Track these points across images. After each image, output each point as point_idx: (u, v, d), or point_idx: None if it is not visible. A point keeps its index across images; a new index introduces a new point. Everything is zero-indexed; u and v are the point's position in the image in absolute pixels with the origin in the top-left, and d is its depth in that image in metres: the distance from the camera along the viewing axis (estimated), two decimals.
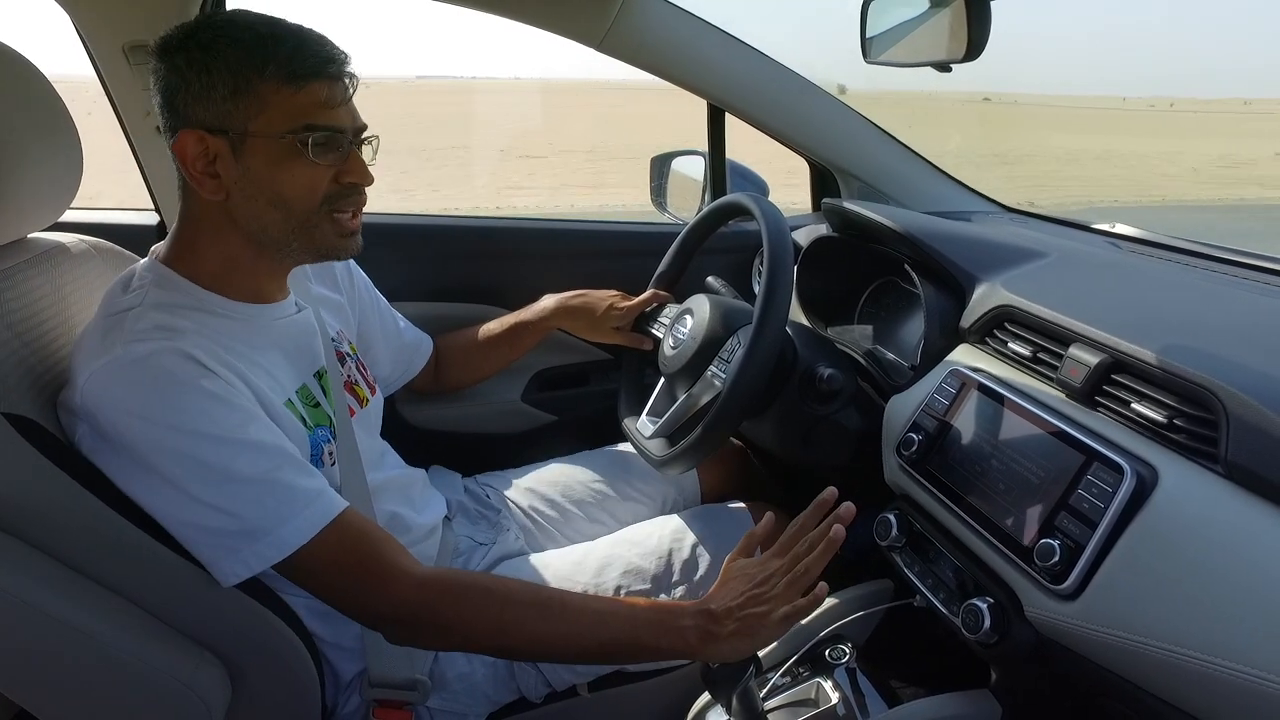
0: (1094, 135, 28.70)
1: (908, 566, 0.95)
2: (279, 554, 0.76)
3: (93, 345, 0.78)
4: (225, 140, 0.78)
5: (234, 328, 0.84)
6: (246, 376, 0.81)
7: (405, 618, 0.80)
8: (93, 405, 0.74)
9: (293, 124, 0.79)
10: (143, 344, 0.75)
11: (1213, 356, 0.74)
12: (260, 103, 0.78)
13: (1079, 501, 0.73)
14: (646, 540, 1.11)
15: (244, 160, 0.79)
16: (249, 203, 0.81)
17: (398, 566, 0.80)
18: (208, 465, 0.74)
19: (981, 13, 1.01)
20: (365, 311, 1.15)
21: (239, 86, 0.77)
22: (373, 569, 0.79)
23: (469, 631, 0.81)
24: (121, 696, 0.76)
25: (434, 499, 1.14)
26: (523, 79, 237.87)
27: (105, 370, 0.74)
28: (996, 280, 1.00)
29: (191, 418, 0.74)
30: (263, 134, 0.78)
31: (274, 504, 0.76)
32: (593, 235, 1.61)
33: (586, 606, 0.84)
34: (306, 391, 0.91)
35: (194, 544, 0.76)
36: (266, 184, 0.80)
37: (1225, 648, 0.61)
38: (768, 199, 1.10)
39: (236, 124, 0.78)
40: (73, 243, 0.94)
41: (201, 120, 0.78)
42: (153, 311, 0.79)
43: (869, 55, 1.22)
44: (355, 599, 0.81)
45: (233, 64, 0.77)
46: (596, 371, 1.58)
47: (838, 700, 0.94)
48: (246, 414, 0.78)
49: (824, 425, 1.07)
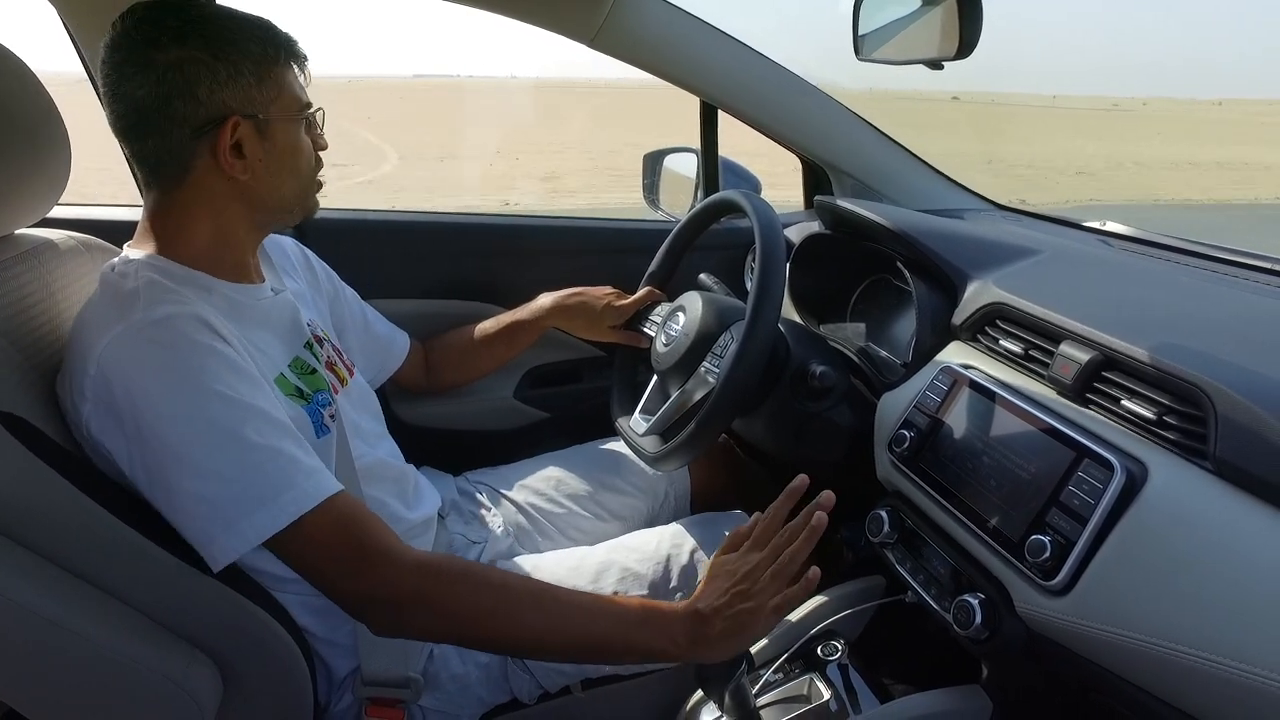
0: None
1: (899, 563, 0.95)
2: (274, 526, 0.75)
3: (103, 318, 0.78)
4: (253, 123, 0.84)
5: (226, 305, 0.86)
6: (247, 348, 0.83)
7: (395, 599, 0.79)
8: (109, 372, 0.75)
9: (300, 104, 0.88)
10: (160, 307, 0.78)
11: (1202, 354, 0.74)
12: (277, 87, 0.85)
13: (1069, 498, 0.74)
14: (644, 546, 1.11)
15: (269, 140, 0.86)
16: (272, 176, 0.88)
17: (391, 548, 0.79)
18: (217, 426, 0.75)
19: (973, 11, 1.01)
20: (331, 299, 1.16)
21: (261, 74, 0.84)
22: (368, 547, 0.78)
23: (458, 619, 0.80)
24: (113, 696, 0.75)
25: (427, 496, 1.13)
26: (519, 78, 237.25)
27: (123, 335, 0.76)
28: (988, 278, 1.01)
29: (208, 378, 0.76)
30: (282, 115, 0.86)
31: (275, 471, 0.76)
32: (586, 232, 1.60)
33: (578, 601, 0.83)
34: (300, 362, 0.93)
35: (191, 519, 0.75)
36: (289, 159, 0.88)
37: (1214, 642, 0.62)
38: (760, 196, 1.10)
39: (261, 108, 0.84)
40: (61, 239, 0.94)
41: (233, 106, 0.83)
42: (156, 284, 0.81)
43: (861, 53, 1.22)
44: (346, 579, 0.79)
45: (255, 53, 0.83)
46: (589, 368, 1.58)
47: (830, 696, 0.94)
48: (255, 381, 0.81)
49: (816, 422, 1.08)
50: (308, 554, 0.78)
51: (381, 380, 1.27)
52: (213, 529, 0.75)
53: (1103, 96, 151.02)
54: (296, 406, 0.88)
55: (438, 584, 0.79)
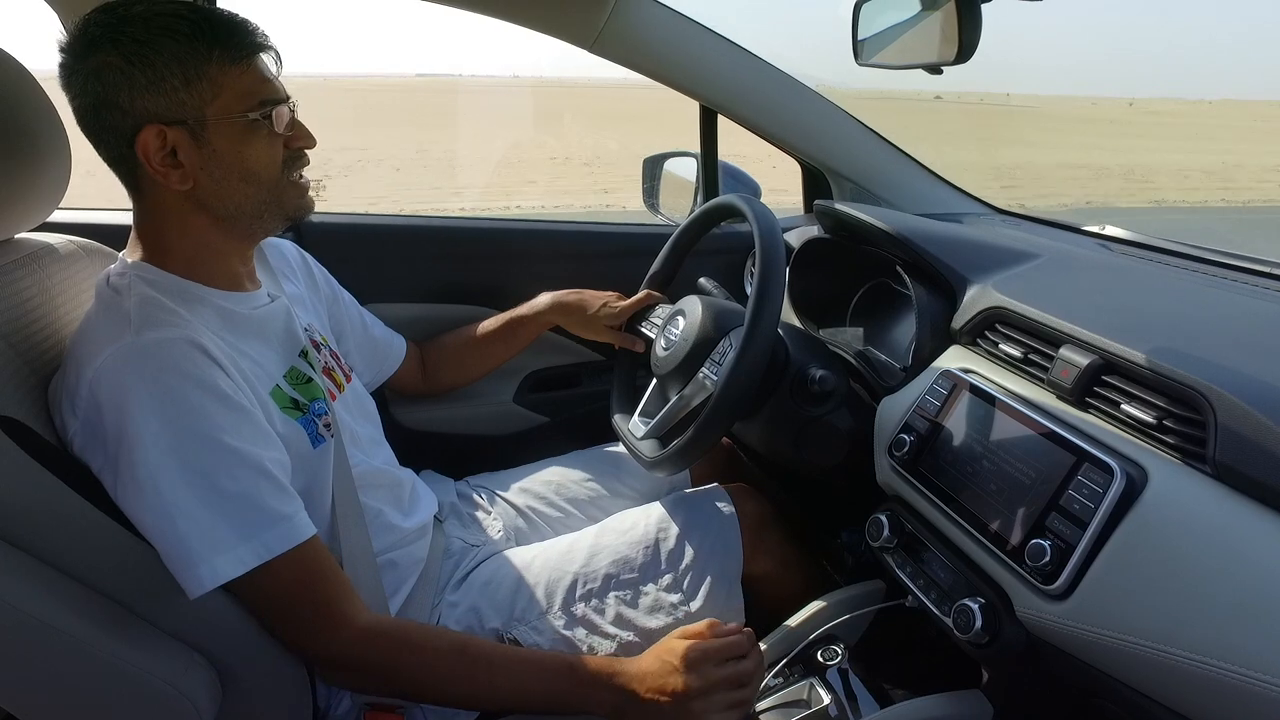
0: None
1: (899, 567, 0.95)
2: (230, 573, 0.75)
3: (97, 335, 0.78)
4: (184, 129, 0.79)
5: (218, 317, 0.85)
6: (239, 364, 0.82)
7: (345, 664, 0.83)
8: (98, 394, 0.75)
9: (248, 102, 0.81)
10: (154, 331, 0.76)
11: (1202, 358, 0.74)
12: (214, 87, 0.79)
13: (1069, 502, 0.74)
14: (632, 530, 1.11)
15: (207, 145, 0.80)
16: (218, 185, 0.82)
17: (344, 612, 0.82)
18: (191, 468, 0.74)
19: (972, 16, 1.02)
20: (330, 303, 1.16)
21: (189, 75, 0.78)
22: (322, 608, 0.81)
23: (412, 686, 0.84)
24: (110, 700, 0.75)
25: (424, 501, 1.13)
26: (521, 77, 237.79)
27: (115, 356, 0.75)
28: (988, 282, 1.01)
29: (190, 417, 0.75)
30: (222, 116, 0.80)
31: (239, 521, 0.76)
32: (586, 236, 1.60)
33: (531, 659, 0.88)
34: (295, 372, 0.92)
35: (164, 549, 0.75)
36: (235, 163, 0.82)
37: (1214, 647, 0.62)
38: (759, 200, 1.10)
39: (193, 111, 0.79)
40: (61, 243, 0.94)
41: (156, 113, 0.78)
42: (149, 302, 0.80)
43: (861, 57, 1.23)
44: (300, 637, 0.82)
45: (179, 53, 0.77)
46: (588, 373, 1.58)
47: (830, 701, 0.94)
48: (242, 414, 0.79)
49: (816, 426, 1.07)
50: (261, 605, 0.80)
51: (379, 383, 1.26)
52: (182, 563, 0.75)
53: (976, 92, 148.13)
54: (291, 421, 0.87)
55: (389, 654, 0.83)
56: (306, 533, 0.80)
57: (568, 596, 1.04)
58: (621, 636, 1.02)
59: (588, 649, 1.01)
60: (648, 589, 1.05)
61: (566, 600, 1.03)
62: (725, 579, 1.07)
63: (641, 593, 1.05)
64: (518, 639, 1.00)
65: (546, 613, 1.02)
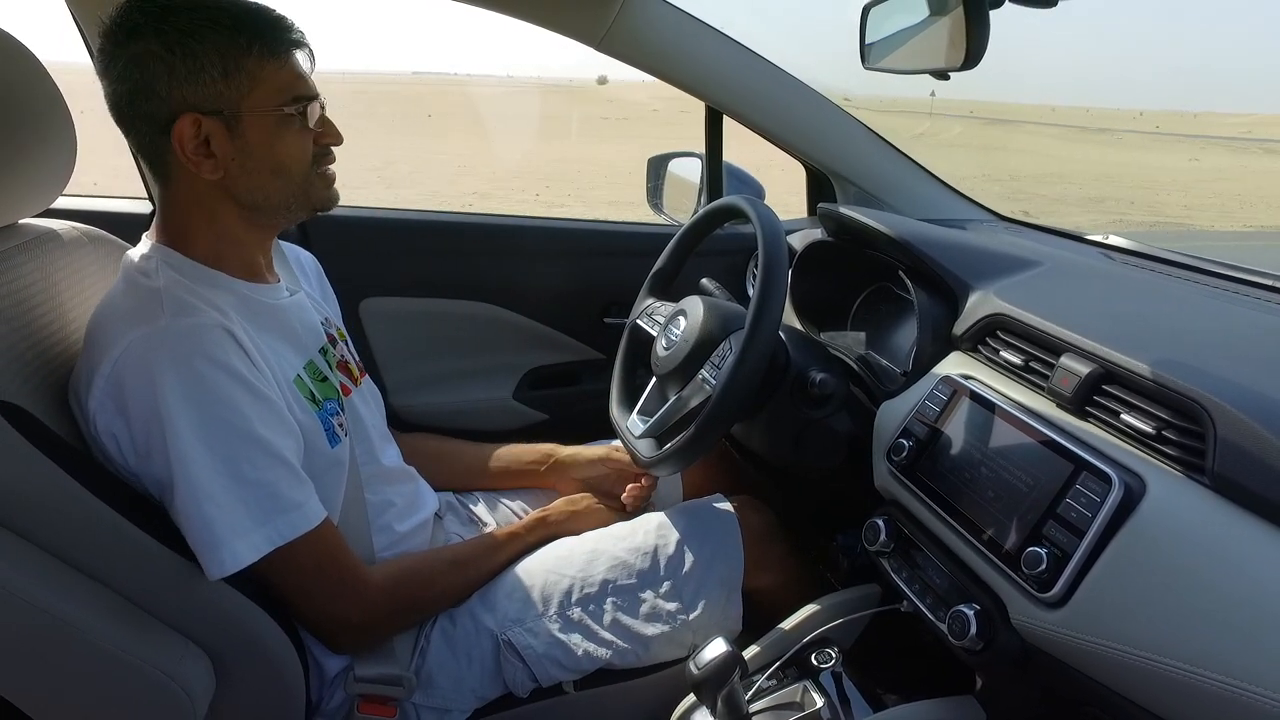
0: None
1: (895, 572, 0.95)
2: (252, 555, 0.78)
3: (125, 318, 0.79)
4: (220, 120, 0.80)
5: (242, 304, 0.86)
6: (265, 354, 0.84)
7: (373, 624, 0.91)
8: (124, 376, 0.76)
9: (283, 97, 0.83)
10: (188, 317, 0.78)
11: (1202, 369, 0.74)
12: (251, 80, 0.80)
13: (1067, 510, 0.74)
14: (632, 536, 1.11)
15: (240, 137, 0.81)
16: (249, 176, 0.84)
17: (359, 575, 0.89)
18: (219, 454, 0.77)
19: (980, 21, 1.01)
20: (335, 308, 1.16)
21: (229, 67, 0.79)
22: (339, 581, 0.88)
23: (425, 611, 0.99)
24: (105, 686, 0.75)
25: (424, 496, 1.14)
26: (515, 77, 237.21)
27: (144, 341, 0.76)
28: (990, 289, 1.01)
29: (219, 405, 0.77)
30: (257, 109, 0.81)
31: (256, 507, 0.79)
32: (590, 234, 1.60)
33: (489, 543, 1.07)
34: (313, 367, 0.94)
35: (187, 531, 0.77)
36: (266, 156, 0.83)
37: (1209, 658, 0.62)
38: (763, 202, 1.10)
39: (229, 103, 0.80)
40: (65, 230, 0.94)
41: (193, 103, 0.79)
42: (179, 287, 0.81)
43: (868, 61, 1.22)
44: (325, 606, 0.87)
45: (220, 45, 0.78)
46: (588, 370, 1.58)
47: (823, 704, 0.94)
48: (267, 404, 0.81)
49: (815, 429, 1.07)
50: (282, 584, 0.85)
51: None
52: (204, 545, 0.77)
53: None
54: (310, 412, 0.89)
55: (407, 596, 0.95)
56: (318, 517, 0.84)
57: (564, 600, 1.03)
58: (618, 643, 1.02)
59: (583, 654, 1.01)
60: (646, 596, 1.05)
61: (563, 604, 1.03)
62: (725, 589, 1.06)
63: (639, 599, 1.04)
64: (512, 641, 1.00)
65: (542, 615, 1.02)
